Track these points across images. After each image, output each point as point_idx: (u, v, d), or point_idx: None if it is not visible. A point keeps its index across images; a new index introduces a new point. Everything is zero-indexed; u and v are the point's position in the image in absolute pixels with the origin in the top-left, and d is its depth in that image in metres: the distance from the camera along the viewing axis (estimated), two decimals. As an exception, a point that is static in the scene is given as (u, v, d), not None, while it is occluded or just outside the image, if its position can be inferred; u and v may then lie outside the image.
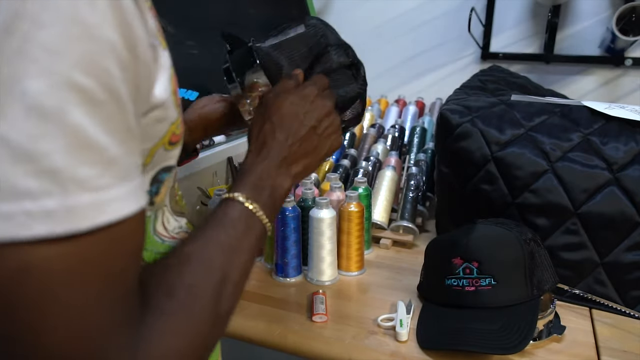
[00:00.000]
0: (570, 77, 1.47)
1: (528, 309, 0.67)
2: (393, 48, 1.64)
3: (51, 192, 0.27)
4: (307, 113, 0.55)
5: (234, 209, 0.46)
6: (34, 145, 0.26)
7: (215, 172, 1.07)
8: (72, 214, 0.27)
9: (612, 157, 0.76)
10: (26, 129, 0.26)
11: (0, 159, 0.26)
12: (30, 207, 0.26)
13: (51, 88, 0.26)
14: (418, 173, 1.05)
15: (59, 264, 0.27)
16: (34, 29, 0.26)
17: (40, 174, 0.26)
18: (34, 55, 0.26)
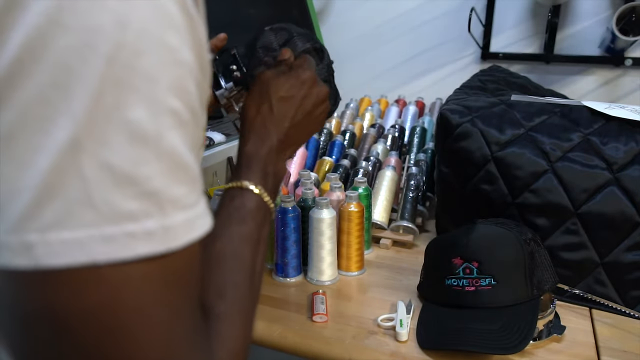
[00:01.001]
0: (570, 77, 1.47)
1: (528, 309, 0.67)
2: (393, 48, 1.64)
3: (151, 213, 0.28)
4: (305, 98, 0.57)
5: (251, 201, 0.49)
6: (136, 169, 0.27)
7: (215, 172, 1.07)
8: (169, 233, 0.29)
9: (612, 157, 0.76)
10: (129, 155, 0.27)
11: (104, 184, 0.27)
12: (132, 229, 0.27)
13: (151, 115, 0.28)
14: (418, 173, 1.05)
15: (154, 281, 0.29)
16: (133, 58, 0.27)
17: (141, 196, 0.28)
18: (135, 83, 0.27)
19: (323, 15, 1.68)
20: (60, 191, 0.26)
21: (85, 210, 0.26)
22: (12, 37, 0.26)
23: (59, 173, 0.26)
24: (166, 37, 0.28)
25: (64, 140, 0.26)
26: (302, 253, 0.88)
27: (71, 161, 0.26)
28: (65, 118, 0.26)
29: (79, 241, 0.26)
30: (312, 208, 0.85)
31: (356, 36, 1.67)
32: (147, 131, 0.28)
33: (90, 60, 0.26)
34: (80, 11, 0.26)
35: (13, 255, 0.26)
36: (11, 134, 0.26)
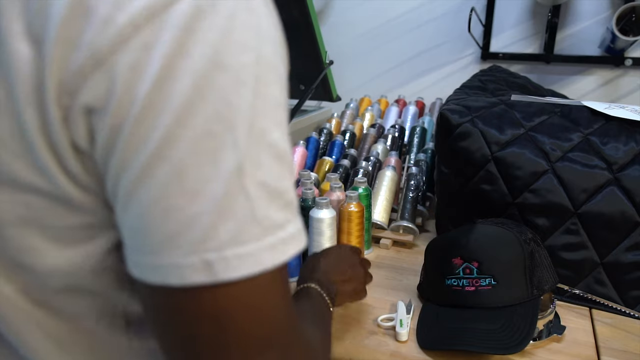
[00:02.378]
0: (570, 77, 1.47)
1: (528, 309, 0.67)
2: (393, 48, 1.64)
3: (290, 220, 0.33)
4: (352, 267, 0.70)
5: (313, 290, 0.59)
6: (280, 184, 0.32)
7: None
8: (301, 233, 0.34)
9: (612, 157, 0.76)
10: (275, 172, 0.32)
11: (263, 200, 0.31)
12: (283, 236, 0.32)
13: (281, 136, 0.33)
14: (418, 173, 1.05)
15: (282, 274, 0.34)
16: (267, 88, 0.31)
17: (285, 207, 0.33)
18: (270, 110, 0.32)
19: (323, 15, 1.68)
20: (232, 213, 0.30)
21: (252, 226, 0.31)
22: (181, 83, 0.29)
23: (230, 197, 0.30)
24: (280, 69, 0.33)
25: (231, 168, 0.30)
26: (302, 253, 0.88)
27: (238, 185, 0.30)
28: (232, 148, 0.30)
29: (251, 254, 0.31)
30: (312, 208, 0.85)
31: (356, 36, 1.67)
32: (282, 150, 0.33)
33: (243, 94, 0.30)
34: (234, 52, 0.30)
35: (195, 273, 0.30)
36: (184, 168, 0.29)
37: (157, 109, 0.29)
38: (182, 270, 0.30)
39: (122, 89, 0.29)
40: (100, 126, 0.30)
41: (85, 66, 0.29)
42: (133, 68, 0.28)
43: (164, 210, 0.30)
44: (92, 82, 0.29)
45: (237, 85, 0.30)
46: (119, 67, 0.28)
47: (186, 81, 0.29)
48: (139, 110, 0.29)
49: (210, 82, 0.29)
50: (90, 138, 0.31)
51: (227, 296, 0.31)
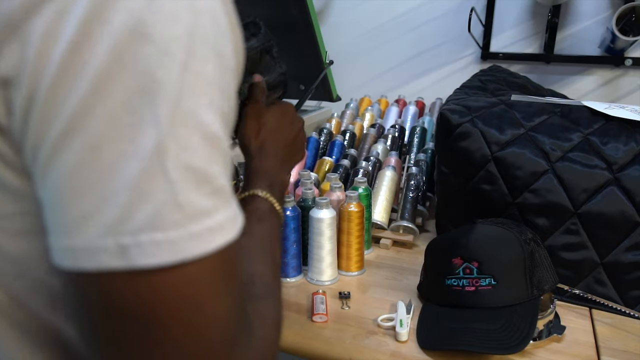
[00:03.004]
0: (570, 77, 1.47)
1: (528, 309, 0.67)
2: (393, 48, 1.64)
3: (219, 208, 0.31)
4: (291, 124, 0.66)
5: (263, 205, 0.55)
6: (209, 169, 0.30)
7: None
8: (233, 223, 0.32)
9: (612, 157, 0.76)
10: (204, 156, 0.30)
11: (187, 185, 0.29)
12: (210, 224, 0.30)
13: (214, 117, 0.30)
14: (418, 173, 1.05)
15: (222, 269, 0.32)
16: (201, 65, 0.29)
17: (213, 193, 0.30)
18: (203, 88, 0.30)
19: (323, 15, 1.68)
20: (150, 195, 0.28)
21: (173, 211, 0.28)
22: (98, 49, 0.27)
23: (148, 177, 0.28)
24: (220, 45, 0.31)
25: (150, 146, 0.28)
26: (302, 253, 0.88)
27: (158, 165, 0.28)
28: (151, 125, 0.28)
29: (171, 241, 0.28)
30: (312, 208, 0.85)
31: (356, 36, 1.67)
32: (214, 133, 0.30)
33: (170, 68, 0.28)
34: (160, 22, 0.28)
35: (109, 257, 0.28)
36: (99, 142, 0.27)
37: (71, 76, 0.27)
38: (96, 254, 0.27)
39: (35, 56, 0.27)
40: (16, 98, 0.28)
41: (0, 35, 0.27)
42: (47, 34, 0.27)
43: (78, 186, 0.27)
44: (7, 52, 0.27)
45: (162, 58, 0.28)
46: (32, 33, 0.27)
47: (104, 48, 0.27)
48: (52, 77, 0.27)
49: (132, 53, 0.27)
50: (8, 112, 0.29)
51: (148, 287, 0.28)
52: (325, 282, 0.85)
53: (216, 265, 0.31)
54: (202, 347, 0.31)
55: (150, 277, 0.28)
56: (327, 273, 0.86)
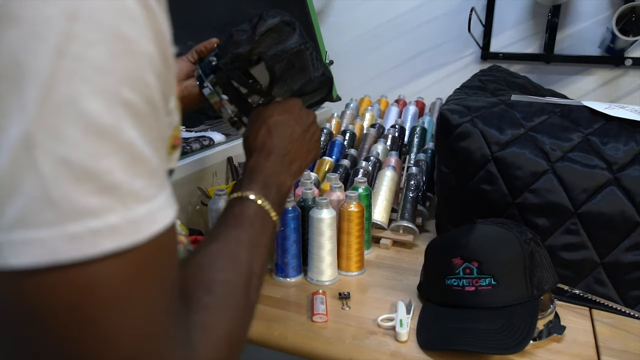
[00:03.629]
0: (570, 77, 1.47)
1: (528, 309, 0.67)
2: (393, 48, 1.64)
3: (114, 208, 0.28)
4: (297, 119, 0.61)
5: (250, 208, 0.50)
6: (95, 164, 0.27)
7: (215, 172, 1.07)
8: (134, 227, 0.28)
9: (612, 157, 0.76)
10: (87, 149, 0.27)
11: (62, 180, 0.26)
12: (95, 225, 0.27)
13: (107, 107, 0.27)
14: (418, 173, 1.05)
15: (124, 275, 0.28)
16: (85, 49, 0.27)
17: (102, 191, 0.27)
18: (87, 75, 0.27)
19: (323, 15, 1.68)
20: (18, 189, 0.26)
21: (44, 208, 0.26)
22: None
23: (15, 170, 0.26)
24: (121, 28, 0.28)
25: (16, 136, 0.25)
26: (302, 253, 0.88)
27: (26, 157, 0.26)
28: (17, 113, 0.26)
29: (41, 241, 0.26)
30: (312, 208, 0.85)
31: (356, 36, 1.67)
32: (103, 124, 0.27)
33: (39, 52, 0.26)
34: (29, 2, 0.26)
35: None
36: None
37: None
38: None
39: None
40: None
41: None
42: None
43: None
44: None
45: (29, 41, 0.26)
46: None
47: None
48: None
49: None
50: None
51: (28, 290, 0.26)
52: (325, 282, 0.85)
53: (113, 271, 0.28)
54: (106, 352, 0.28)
55: (29, 278, 0.26)
56: (327, 273, 0.86)
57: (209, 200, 0.92)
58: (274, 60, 0.68)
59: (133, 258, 0.29)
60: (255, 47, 0.68)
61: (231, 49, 0.69)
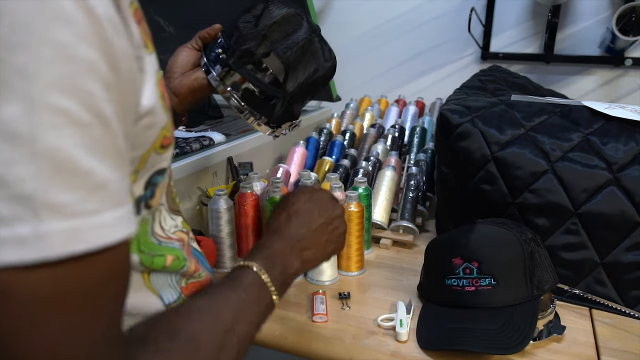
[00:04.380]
0: (570, 77, 1.47)
1: (528, 309, 0.67)
2: (393, 48, 1.64)
3: (23, 219, 0.26)
4: (321, 210, 0.59)
5: (247, 276, 0.48)
6: (5, 170, 0.25)
7: (215, 172, 1.07)
8: (43, 241, 0.26)
9: (612, 157, 0.76)
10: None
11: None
12: (1, 233, 0.26)
13: (24, 112, 0.26)
14: (418, 173, 1.05)
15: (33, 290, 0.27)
16: (6, 52, 0.25)
17: (12, 199, 0.26)
18: (6, 79, 0.25)
19: (323, 15, 1.68)
20: None
21: None
22: None
23: None
24: (52, 33, 0.27)
25: None
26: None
27: None
28: None
29: None
30: (312, 208, 0.85)
31: (356, 36, 1.67)
32: (18, 129, 0.26)
33: None
34: None
35: None
36: None
37: None
38: None
39: None
40: None
41: None
42: None
43: None
44: None
45: None
46: None
47: None
48: None
49: None
50: None
51: None
52: (325, 282, 0.85)
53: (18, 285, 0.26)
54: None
55: None
56: (327, 273, 0.86)
57: (209, 200, 0.92)
58: (286, 53, 0.69)
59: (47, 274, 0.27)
60: (263, 40, 0.69)
61: (239, 43, 0.70)
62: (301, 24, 0.72)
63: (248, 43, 0.70)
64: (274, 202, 0.88)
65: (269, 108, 0.76)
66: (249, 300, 0.46)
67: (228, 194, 0.92)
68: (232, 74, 0.73)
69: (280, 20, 0.70)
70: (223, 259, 0.90)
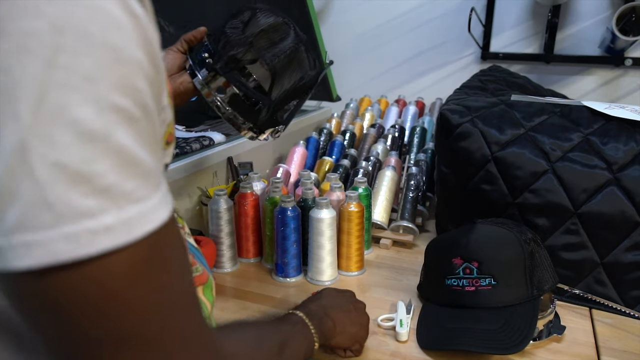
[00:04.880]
0: (570, 77, 1.47)
1: (528, 309, 0.67)
2: (393, 48, 1.64)
3: (107, 209, 0.29)
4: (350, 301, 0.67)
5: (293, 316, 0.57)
6: (88, 167, 0.28)
7: (215, 172, 1.07)
8: (127, 226, 0.30)
9: (612, 157, 0.76)
10: (79, 154, 0.28)
11: (57, 183, 0.27)
12: (91, 225, 0.28)
13: (96, 113, 0.29)
14: (418, 173, 1.05)
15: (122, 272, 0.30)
16: (73, 59, 0.28)
17: (96, 193, 0.29)
18: (76, 84, 0.28)
19: (323, 15, 1.68)
20: (16, 195, 0.27)
21: (42, 211, 0.27)
22: None
23: (13, 176, 0.27)
24: (108, 38, 0.29)
25: (12, 145, 0.27)
26: (302, 253, 0.88)
27: (22, 164, 0.27)
28: (12, 122, 0.27)
29: (40, 242, 0.27)
30: (312, 208, 0.85)
31: (356, 36, 1.67)
32: (94, 129, 0.28)
33: (29, 64, 0.27)
34: (16, 17, 0.27)
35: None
36: None
37: None
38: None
39: None
40: None
41: None
42: None
43: None
44: None
45: (19, 54, 0.27)
46: None
47: None
48: None
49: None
50: None
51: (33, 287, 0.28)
52: (325, 282, 0.85)
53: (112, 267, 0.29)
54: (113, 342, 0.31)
55: (34, 279, 0.28)
56: (327, 273, 0.86)
57: (209, 200, 0.92)
58: (273, 61, 0.69)
59: (131, 255, 0.30)
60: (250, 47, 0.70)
61: (227, 49, 0.70)
62: (288, 33, 0.74)
63: (236, 49, 0.71)
64: (274, 202, 0.88)
65: (254, 114, 0.78)
66: (295, 332, 0.54)
67: (228, 194, 0.92)
68: (217, 78, 0.74)
69: (267, 29, 0.72)
70: (223, 259, 0.90)
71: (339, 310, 0.63)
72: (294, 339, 0.52)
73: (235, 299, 0.82)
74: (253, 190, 0.93)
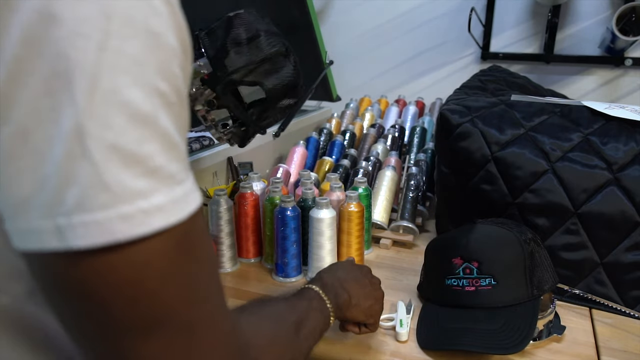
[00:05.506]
0: (570, 77, 1.47)
1: (528, 309, 0.67)
2: (393, 48, 1.64)
3: (158, 189, 0.30)
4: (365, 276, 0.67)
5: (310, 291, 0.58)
6: (140, 149, 0.29)
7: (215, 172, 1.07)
8: (176, 206, 0.31)
9: (612, 157, 0.76)
10: (132, 135, 0.29)
11: (113, 165, 0.28)
12: (144, 205, 0.29)
13: (144, 96, 0.30)
14: (418, 173, 1.05)
15: (175, 250, 0.31)
16: (121, 43, 0.29)
17: (147, 174, 0.30)
18: (126, 67, 0.29)
19: (323, 15, 1.68)
20: (75, 176, 0.28)
21: (99, 192, 0.28)
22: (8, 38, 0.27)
23: (71, 159, 0.28)
24: (150, 24, 0.30)
25: (70, 127, 0.28)
26: (302, 253, 0.88)
27: (79, 146, 0.28)
28: (69, 106, 0.28)
29: (98, 222, 0.28)
30: (312, 208, 0.85)
31: (356, 36, 1.67)
32: (144, 112, 0.29)
33: (84, 48, 0.28)
34: (68, 4, 0.28)
35: (50, 238, 0.29)
36: (26, 130, 0.28)
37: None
38: (39, 235, 0.29)
39: None
40: None
41: None
42: None
43: (15, 172, 0.29)
44: None
45: (74, 39, 0.28)
46: None
47: (16, 36, 0.27)
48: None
49: (43, 37, 0.28)
50: None
51: (89, 268, 0.29)
52: (325, 282, 0.85)
53: (162, 247, 0.31)
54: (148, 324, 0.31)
55: (90, 259, 0.29)
56: (327, 273, 0.86)
57: (209, 200, 0.92)
58: (271, 90, 0.72)
59: (179, 234, 0.31)
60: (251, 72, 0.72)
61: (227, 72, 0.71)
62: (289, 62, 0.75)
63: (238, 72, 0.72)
64: (274, 202, 0.88)
65: (240, 133, 0.81)
66: (312, 307, 0.55)
67: (228, 194, 0.92)
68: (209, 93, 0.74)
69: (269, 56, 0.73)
70: (223, 259, 0.90)
71: (354, 283, 0.63)
72: (310, 316, 0.54)
73: (235, 299, 0.82)
74: (253, 190, 0.93)
